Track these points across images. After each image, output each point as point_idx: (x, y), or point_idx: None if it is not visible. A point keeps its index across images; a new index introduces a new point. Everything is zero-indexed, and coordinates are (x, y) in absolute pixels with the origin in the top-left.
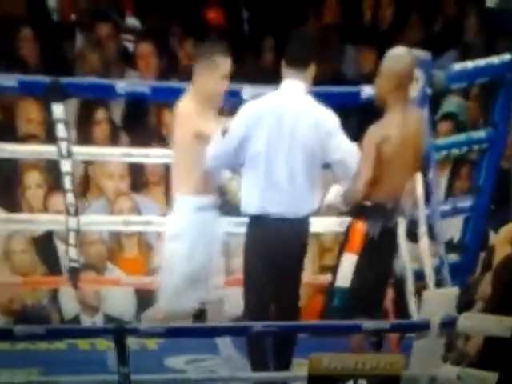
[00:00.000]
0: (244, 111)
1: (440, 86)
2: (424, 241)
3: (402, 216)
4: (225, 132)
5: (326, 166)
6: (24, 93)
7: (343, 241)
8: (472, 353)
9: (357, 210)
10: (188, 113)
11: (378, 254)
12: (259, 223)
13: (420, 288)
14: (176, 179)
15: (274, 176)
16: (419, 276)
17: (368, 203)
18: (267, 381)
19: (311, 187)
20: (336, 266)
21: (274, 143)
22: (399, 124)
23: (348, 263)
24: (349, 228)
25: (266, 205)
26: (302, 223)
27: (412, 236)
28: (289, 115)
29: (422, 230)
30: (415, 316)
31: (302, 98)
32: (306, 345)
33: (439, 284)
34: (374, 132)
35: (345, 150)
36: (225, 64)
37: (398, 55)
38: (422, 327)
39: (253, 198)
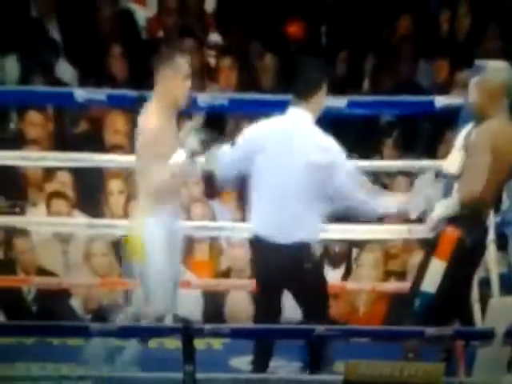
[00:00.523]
0: (252, 129)
1: None
2: (492, 248)
3: None
4: (192, 154)
5: None
6: (112, 106)
7: (431, 246)
8: None
9: (452, 217)
10: (151, 129)
11: (467, 263)
12: (254, 245)
13: (486, 296)
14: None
15: (273, 197)
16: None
17: (465, 211)
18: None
19: (310, 214)
20: (421, 271)
21: (278, 164)
22: (504, 131)
23: (436, 269)
24: (439, 234)
25: (259, 227)
26: (298, 249)
27: None
28: (296, 140)
29: (491, 237)
30: (479, 324)
31: (309, 126)
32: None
33: (506, 292)
34: (488, 136)
35: (348, 185)
36: (185, 64)
37: (499, 68)
38: (487, 335)
39: (253, 219)
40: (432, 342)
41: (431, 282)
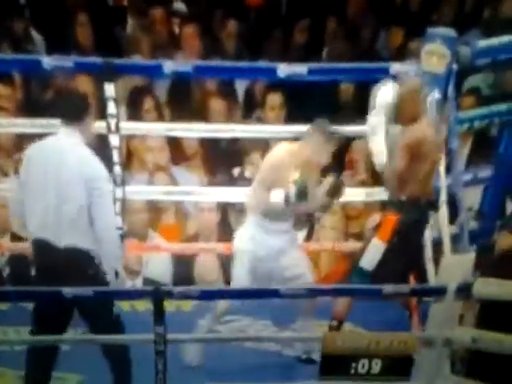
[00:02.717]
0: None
1: (466, 62)
2: (443, 209)
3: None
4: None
5: None
6: (79, 72)
7: (376, 227)
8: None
9: (393, 203)
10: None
11: (405, 246)
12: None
13: (439, 255)
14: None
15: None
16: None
17: (403, 198)
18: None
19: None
20: (363, 249)
21: (43, 179)
22: (427, 130)
23: (376, 249)
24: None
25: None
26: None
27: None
28: (55, 156)
29: (443, 198)
30: (433, 281)
31: (75, 143)
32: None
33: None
34: (408, 134)
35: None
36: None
37: (411, 89)
38: (440, 292)
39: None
40: (389, 299)
41: (370, 260)
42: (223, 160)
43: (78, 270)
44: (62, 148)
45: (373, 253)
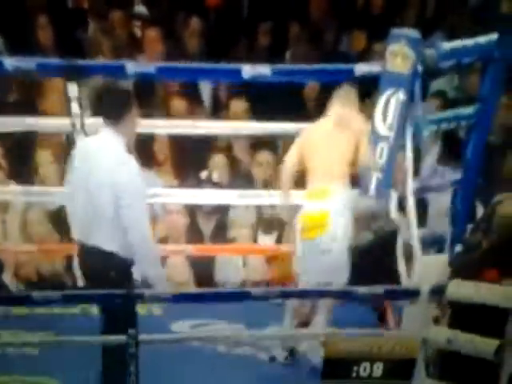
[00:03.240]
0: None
1: (431, 63)
2: (412, 212)
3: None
4: None
5: None
6: (42, 73)
7: None
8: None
9: None
10: None
11: None
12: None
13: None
14: None
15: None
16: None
17: None
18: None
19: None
20: None
21: (82, 180)
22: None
23: None
24: None
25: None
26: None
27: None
28: (91, 156)
29: (410, 201)
30: (405, 283)
31: (114, 146)
32: None
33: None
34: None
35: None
36: None
37: None
38: (414, 294)
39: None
40: (363, 300)
41: None
42: (191, 164)
43: (101, 270)
44: (98, 149)
45: None
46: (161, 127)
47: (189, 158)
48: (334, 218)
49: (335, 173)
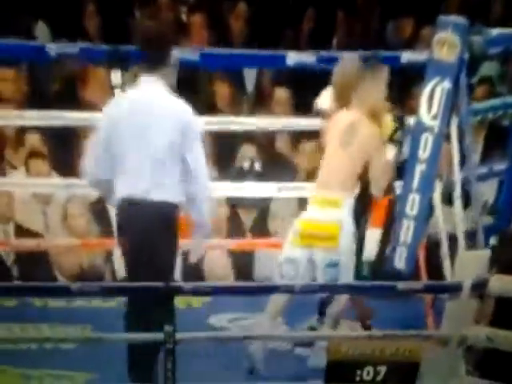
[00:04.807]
0: (104, 112)
1: (478, 51)
2: (458, 204)
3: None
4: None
5: None
6: (85, 59)
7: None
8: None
9: None
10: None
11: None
12: (121, 206)
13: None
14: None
15: (133, 163)
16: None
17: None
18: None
19: (170, 175)
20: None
21: (132, 131)
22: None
23: (374, 237)
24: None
25: (128, 189)
26: (161, 208)
27: (447, 199)
28: (145, 106)
29: (457, 192)
30: (448, 277)
31: (160, 92)
32: None
33: (473, 246)
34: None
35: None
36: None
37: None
38: (454, 289)
39: (119, 184)
40: (403, 295)
41: (369, 251)
42: (230, 155)
43: (168, 224)
44: (150, 98)
45: (371, 242)
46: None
47: (227, 150)
48: (345, 231)
49: (347, 183)
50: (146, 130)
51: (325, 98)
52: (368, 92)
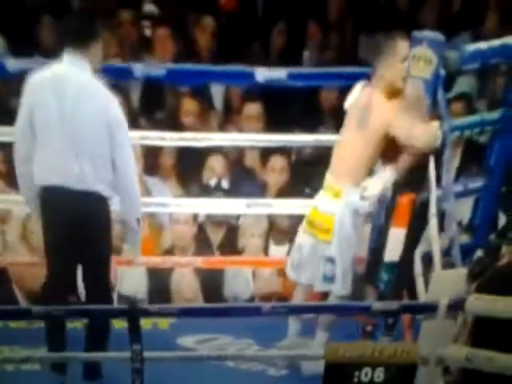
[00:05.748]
0: (27, 83)
1: (454, 67)
2: (433, 222)
3: None
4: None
5: None
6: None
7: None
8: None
9: (401, 185)
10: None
11: (421, 225)
12: (45, 194)
13: (428, 270)
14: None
15: (56, 146)
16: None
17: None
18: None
19: (95, 165)
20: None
21: (58, 113)
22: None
23: (397, 237)
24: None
25: (50, 176)
26: (87, 196)
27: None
28: (72, 87)
29: (433, 210)
30: (422, 297)
31: (86, 74)
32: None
33: (449, 265)
34: None
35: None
36: (405, 48)
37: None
38: (430, 308)
39: (40, 169)
40: (378, 315)
41: (391, 252)
42: (196, 170)
43: (94, 214)
44: (78, 81)
45: (394, 243)
46: (167, 140)
47: (195, 166)
48: (339, 225)
49: (356, 171)
50: (72, 115)
51: (353, 97)
52: (388, 69)
